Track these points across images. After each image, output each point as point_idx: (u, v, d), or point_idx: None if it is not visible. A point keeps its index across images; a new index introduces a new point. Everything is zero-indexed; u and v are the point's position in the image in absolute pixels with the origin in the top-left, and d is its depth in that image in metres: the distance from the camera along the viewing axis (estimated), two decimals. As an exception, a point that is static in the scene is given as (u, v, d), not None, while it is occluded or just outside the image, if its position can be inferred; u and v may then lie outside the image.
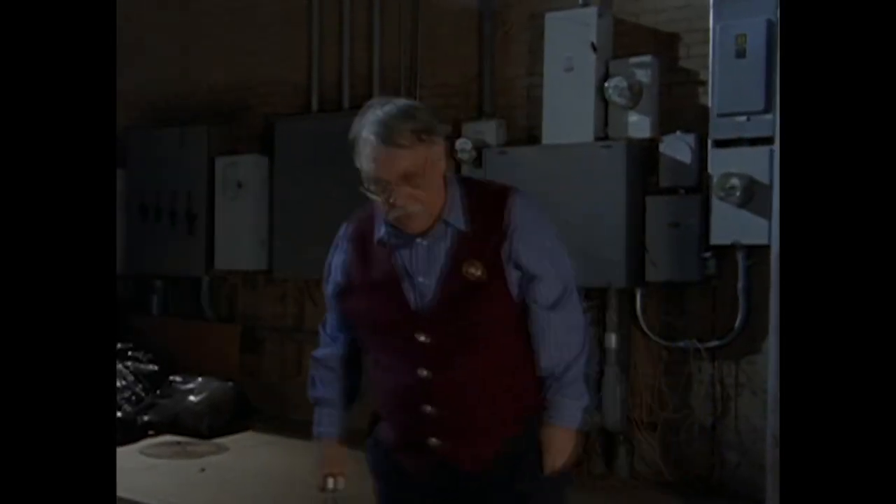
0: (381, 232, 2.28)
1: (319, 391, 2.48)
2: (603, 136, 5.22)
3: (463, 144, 5.67)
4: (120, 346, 6.96)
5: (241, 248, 6.75)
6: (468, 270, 2.19)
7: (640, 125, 5.17)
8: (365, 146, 2.14)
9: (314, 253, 3.25)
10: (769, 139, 4.57)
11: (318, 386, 2.48)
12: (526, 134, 5.73)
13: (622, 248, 5.05)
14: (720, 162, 4.80)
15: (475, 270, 2.19)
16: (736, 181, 4.67)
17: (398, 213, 2.17)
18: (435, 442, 2.27)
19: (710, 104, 4.88)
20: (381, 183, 2.14)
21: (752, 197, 4.66)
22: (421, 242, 2.23)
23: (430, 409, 2.25)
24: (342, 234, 2.41)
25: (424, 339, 2.21)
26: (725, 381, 5.09)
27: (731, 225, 4.76)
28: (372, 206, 2.25)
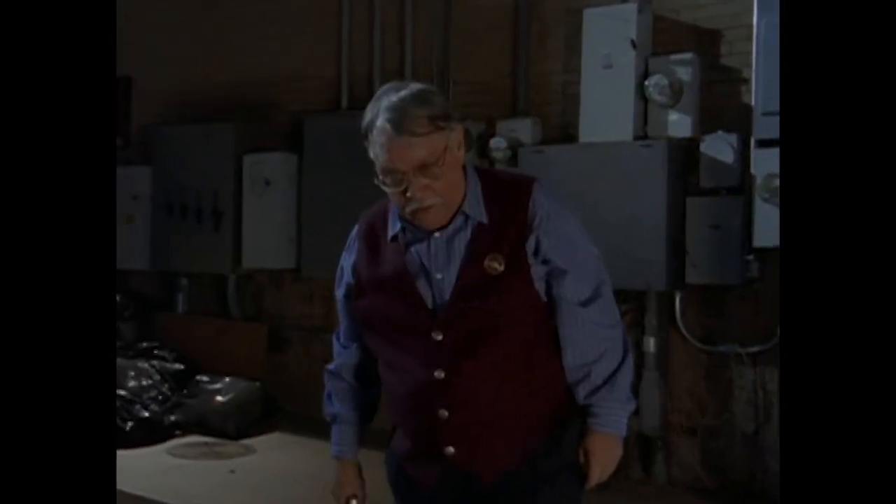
0: (395, 228, 2.16)
1: (335, 407, 2.39)
2: (642, 134, 5.10)
3: (497, 143, 5.54)
4: (145, 344, 6.96)
5: (268, 246, 6.66)
6: (490, 265, 2.08)
7: (680, 124, 5.04)
8: (379, 135, 2.02)
9: (343, 252, 3.19)
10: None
11: (333, 402, 2.40)
12: (561, 132, 5.60)
13: (661, 249, 4.93)
14: (764, 162, 4.65)
15: (497, 265, 2.07)
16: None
17: (414, 206, 2.04)
18: (451, 450, 2.14)
19: (753, 103, 4.74)
20: (395, 174, 2.01)
21: (797, 199, 4.55)
22: (439, 237, 2.11)
23: (445, 413, 2.12)
24: (354, 233, 2.30)
25: (441, 337, 2.09)
26: (768, 386, 4.96)
27: (775, 227, 4.59)
28: (384, 200, 2.14)
